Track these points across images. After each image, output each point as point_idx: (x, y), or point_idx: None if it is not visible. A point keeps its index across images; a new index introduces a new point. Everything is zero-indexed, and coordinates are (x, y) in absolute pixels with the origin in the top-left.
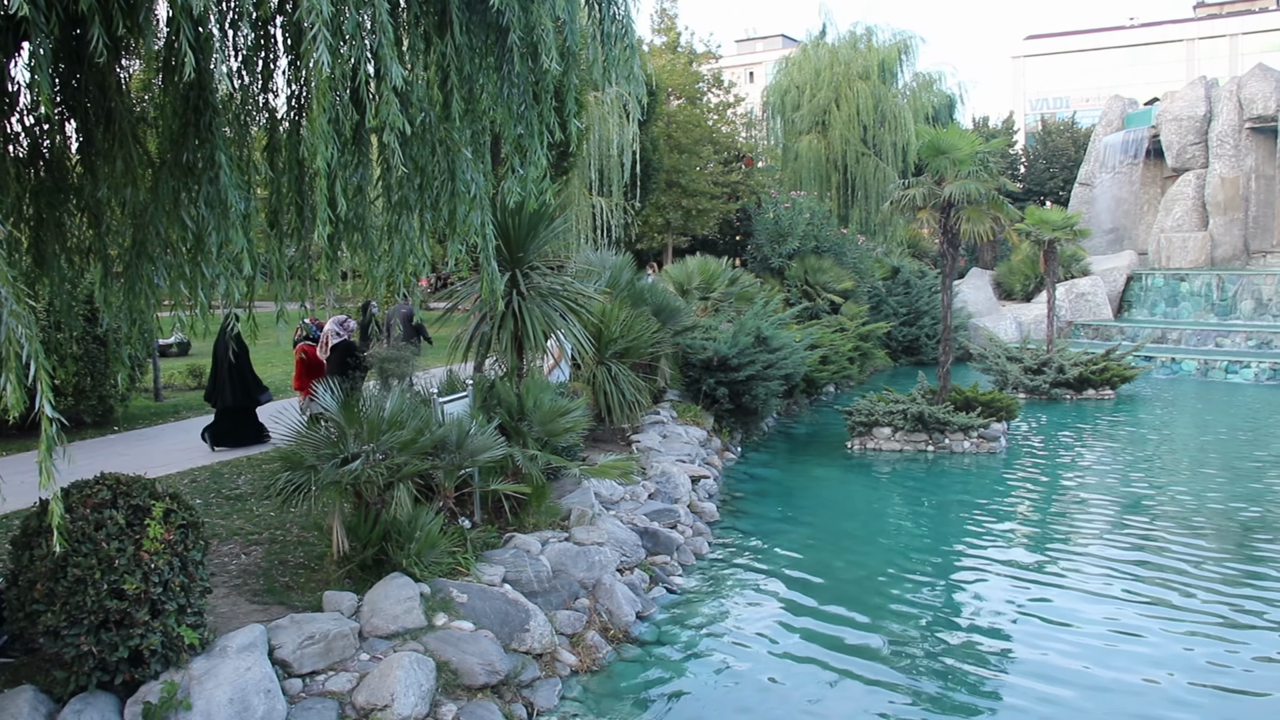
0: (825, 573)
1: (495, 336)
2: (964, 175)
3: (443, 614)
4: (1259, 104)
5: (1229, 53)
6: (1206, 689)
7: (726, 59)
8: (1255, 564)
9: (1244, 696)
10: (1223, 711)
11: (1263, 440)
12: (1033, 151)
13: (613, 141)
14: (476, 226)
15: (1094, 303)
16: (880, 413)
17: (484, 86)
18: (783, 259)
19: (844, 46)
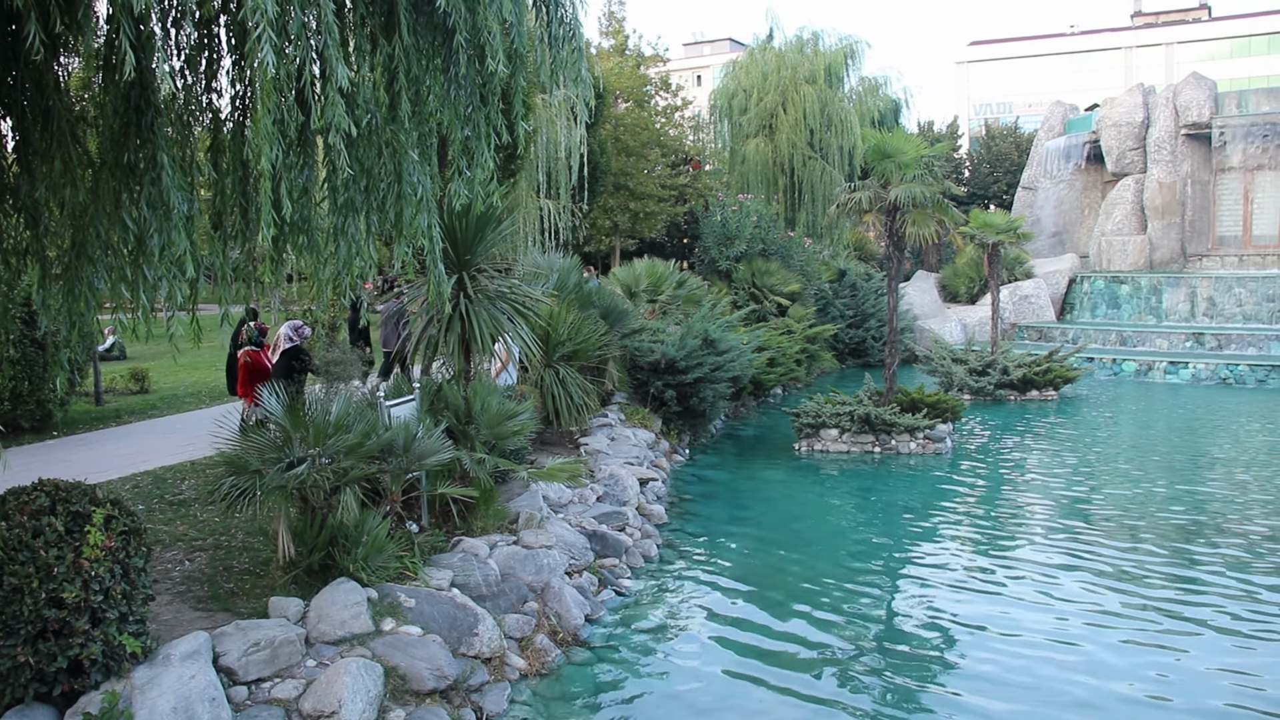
0: (773, 574)
1: (442, 339)
2: (909, 179)
3: (390, 619)
4: (1194, 111)
5: (1165, 61)
6: (1144, 695)
7: (674, 62)
8: (1192, 568)
9: (1178, 702)
10: (1161, 692)
11: (1201, 440)
12: (977, 156)
13: (560, 144)
14: (423, 229)
15: (1037, 305)
16: (827, 414)
17: (431, 88)
18: (730, 261)
19: (791, 51)
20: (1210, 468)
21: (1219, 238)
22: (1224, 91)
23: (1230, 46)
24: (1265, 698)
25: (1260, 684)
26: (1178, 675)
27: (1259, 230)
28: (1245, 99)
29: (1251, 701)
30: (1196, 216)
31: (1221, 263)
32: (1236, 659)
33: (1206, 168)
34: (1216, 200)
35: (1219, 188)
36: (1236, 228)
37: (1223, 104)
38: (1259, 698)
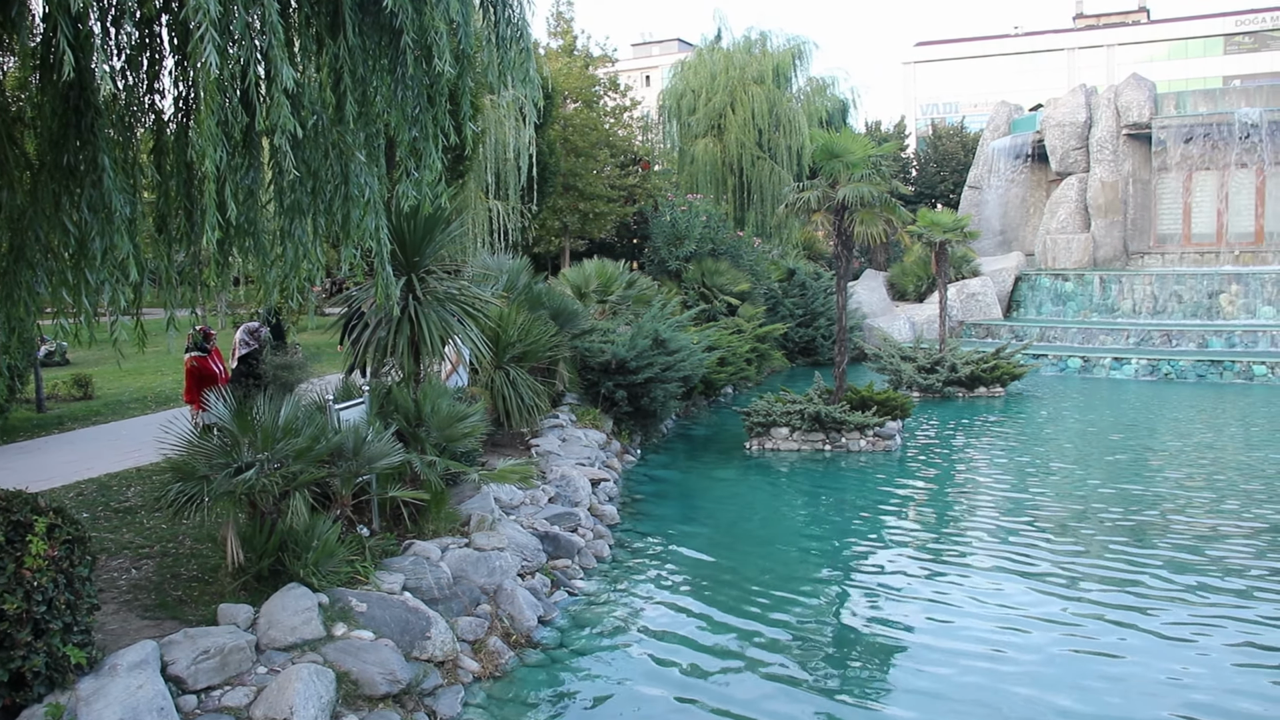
0: (726, 573)
1: (391, 342)
2: (857, 178)
3: (342, 624)
4: (1134, 112)
5: (1106, 62)
6: (1090, 684)
7: (623, 63)
8: (1135, 566)
9: (1123, 691)
10: (1103, 706)
11: (1144, 436)
12: (924, 155)
13: (509, 145)
14: (371, 231)
15: (984, 303)
16: (778, 413)
17: (378, 89)
18: (680, 261)
19: (739, 51)
20: (1153, 464)
21: (1160, 236)
22: (1163, 93)
23: (1168, 49)
24: (1209, 706)
25: (1203, 689)
26: (1119, 665)
27: (1198, 228)
28: (1183, 100)
29: (1193, 710)
30: (1138, 215)
31: (1163, 260)
32: (1177, 663)
33: (1147, 167)
34: (1157, 199)
35: (1159, 187)
36: (1176, 226)
37: (1162, 105)
38: (1202, 705)
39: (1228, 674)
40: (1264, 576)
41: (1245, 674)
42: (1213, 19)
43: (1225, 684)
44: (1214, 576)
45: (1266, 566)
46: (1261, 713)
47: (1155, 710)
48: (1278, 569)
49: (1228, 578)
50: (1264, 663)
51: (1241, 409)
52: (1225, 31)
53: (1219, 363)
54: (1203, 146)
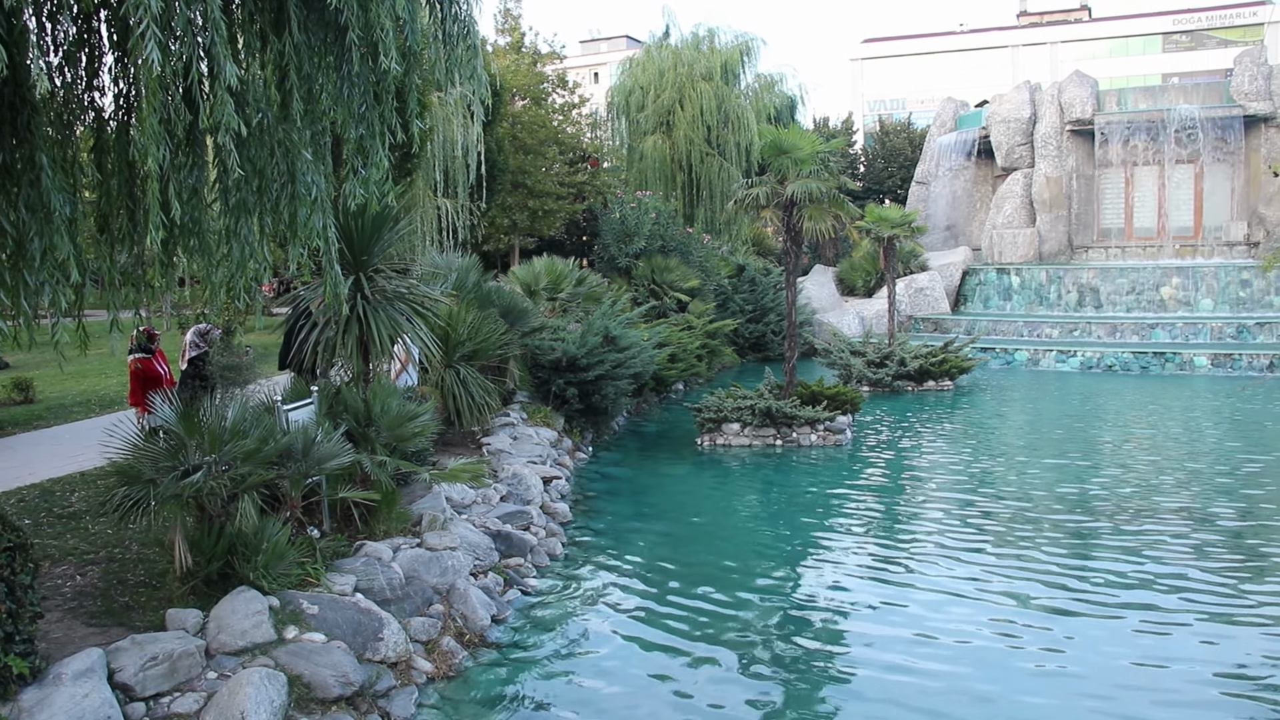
0: (679, 569)
1: (340, 341)
2: (806, 174)
3: (293, 627)
4: (1077, 108)
5: (1049, 60)
6: (1042, 674)
7: (571, 59)
8: (1085, 555)
9: (1076, 680)
10: (1062, 697)
11: (1090, 427)
12: (871, 151)
13: (457, 142)
14: (318, 229)
15: (932, 297)
16: (729, 409)
17: (324, 86)
18: (629, 258)
19: (687, 48)
20: (1100, 455)
21: (1103, 230)
22: (1105, 90)
23: (1109, 47)
24: (1164, 690)
25: (1159, 675)
26: (1071, 650)
27: (1140, 222)
28: (1124, 97)
29: (1150, 696)
30: (1082, 209)
31: (1106, 254)
32: (1130, 648)
33: (1090, 162)
34: (1100, 194)
35: (1102, 182)
36: (1119, 220)
37: (1104, 101)
38: (1157, 692)
39: (1170, 670)
40: (1206, 569)
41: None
42: (1151, 18)
43: (1159, 683)
44: (1164, 565)
45: (1210, 563)
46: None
47: (1105, 690)
48: (1219, 565)
49: (1172, 569)
50: (1189, 656)
51: (1184, 400)
52: (1163, 30)
53: (1161, 354)
54: (1143, 142)
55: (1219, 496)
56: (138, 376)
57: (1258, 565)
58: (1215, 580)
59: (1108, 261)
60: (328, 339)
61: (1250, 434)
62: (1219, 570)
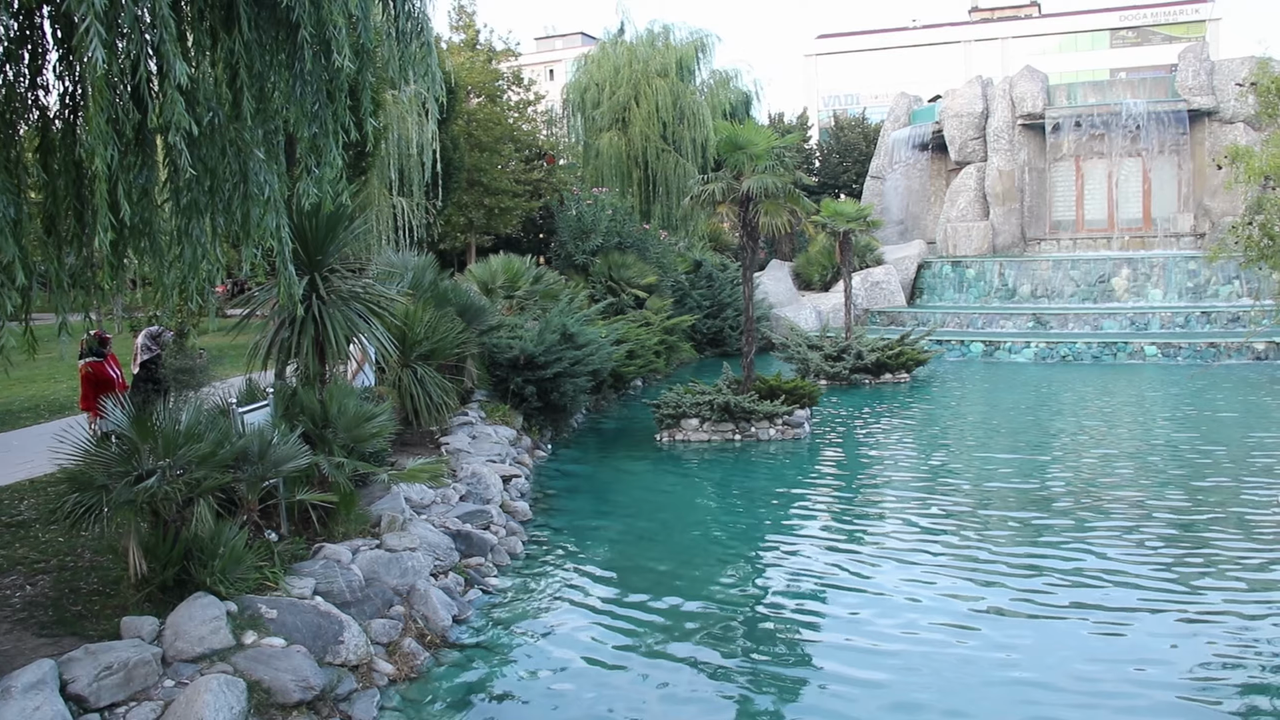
0: (640, 565)
1: (295, 342)
2: (761, 170)
3: (252, 632)
4: (1029, 102)
5: (1001, 55)
6: (1003, 667)
7: (526, 57)
8: (1036, 549)
9: (1030, 675)
10: (1015, 688)
11: (1044, 417)
12: (826, 146)
13: (412, 140)
14: (272, 229)
15: (888, 290)
16: (687, 404)
17: (276, 85)
18: (586, 255)
19: (642, 44)
20: (1054, 444)
21: (1055, 222)
22: (1055, 84)
23: (1059, 42)
24: (1128, 677)
25: (1119, 666)
26: (1029, 644)
27: (1090, 215)
28: (1074, 91)
29: (1111, 687)
30: (1034, 202)
31: (1058, 246)
32: (1091, 641)
33: (1042, 156)
34: (1052, 187)
35: (1054, 175)
36: (1070, 213)
37: (1054, 96)
38: (1118, 682)
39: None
40: (1156, 564)
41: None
42: (1099, 14)
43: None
44: (1109, 562)
45: (1160, 558)
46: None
47: (1067, 679)
48: (1168, 560)
49: (1123, 564)
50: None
51: (1135, 389)
52: (1110, 26)
53: (1113, 344)
54: (1093, 136)
55: (1169, 489)
56: (89, 381)
57: (1207, 558)
58: (1165, 576)
59: (1060, 253)
60: (283, 340)
61: (1197, 424)
62: (1169, 565)
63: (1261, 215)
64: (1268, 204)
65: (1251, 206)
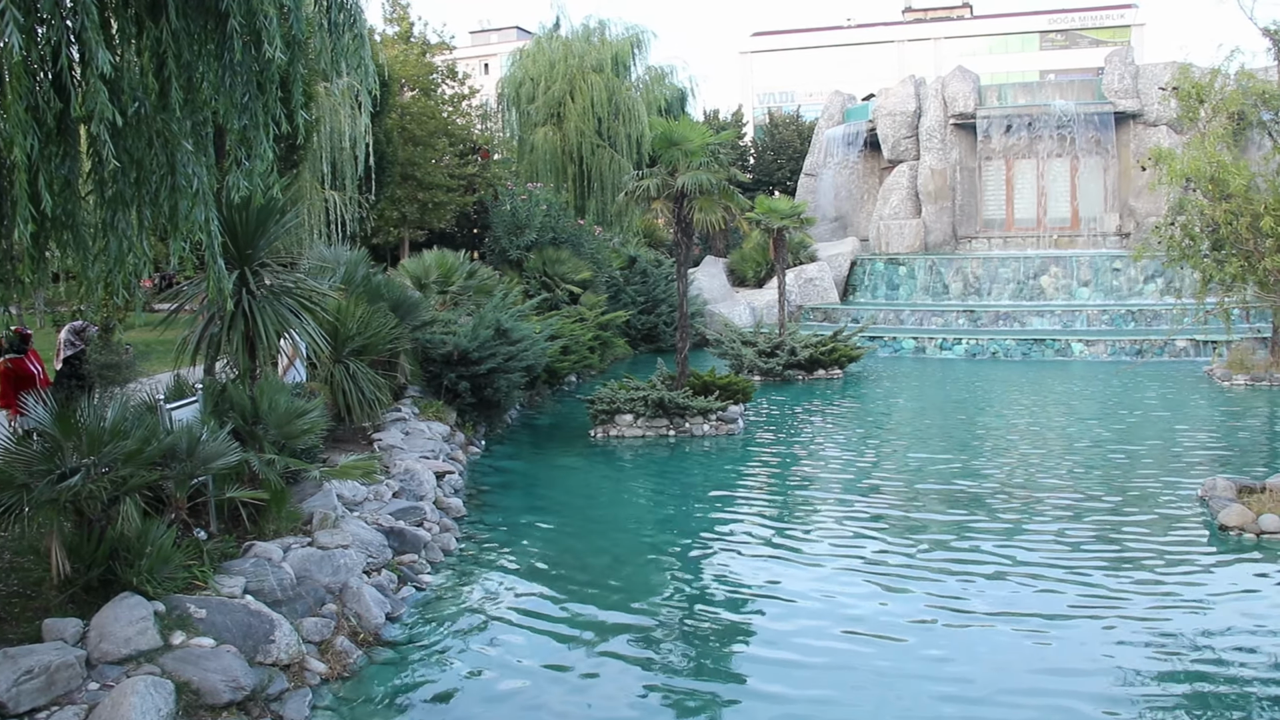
0: (575, 560)
1: (225, 338)
2: (696, 166)
3: (180, 632)
4: (960, 102)
5: (933, 55)
6: (932, 657)
7: (460, 50)
8: (972, 537)
9: (960, 667)
10: (946, 680)
11: (974, 414)
12: (761, 143)
13: (345, 134)
14: (200, 223)
15: (821, 287)
16: (622, 400)
17: (204, 75)
18: (521, 251)
19: (577, 39)
20: (984, 442)
21: (985, 221)
22: (986, 85)
23: (989, 44)
24: (1059, 670)
25: (1052, 659)
26: (957, 636)
27: (1020, 214)
28: (1004, 92)
29: (1045, 681)
30: (965, 201)
31: (988, 244)
32: (1018, 649)
33: (973, 155)
34: (983, 186)
35: (985, 174)
36: (1000, 211)
37: (985, 96)
38: (1051, 676)
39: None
40: (1083, 566)
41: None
42: (1029, 16)
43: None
44: (1036, 563)
45: (1087, 558)
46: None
47: (993, 668)
48: (1096, 562)
49: (1049, 565)
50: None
51: (1063, 385)
52: (1040, 29)
53: (1041, 341)
54: (1023, 136)
55: (1095, 488)
56: (8, 378)
57: (1134, 561)
58: (1091, 581)
59: (990, 251)
60: (213, 335)
61: (1123, 421)
62: (1095, 568)
63: (1183, 216)
64: (1189, 205)
65: (1174, 208)
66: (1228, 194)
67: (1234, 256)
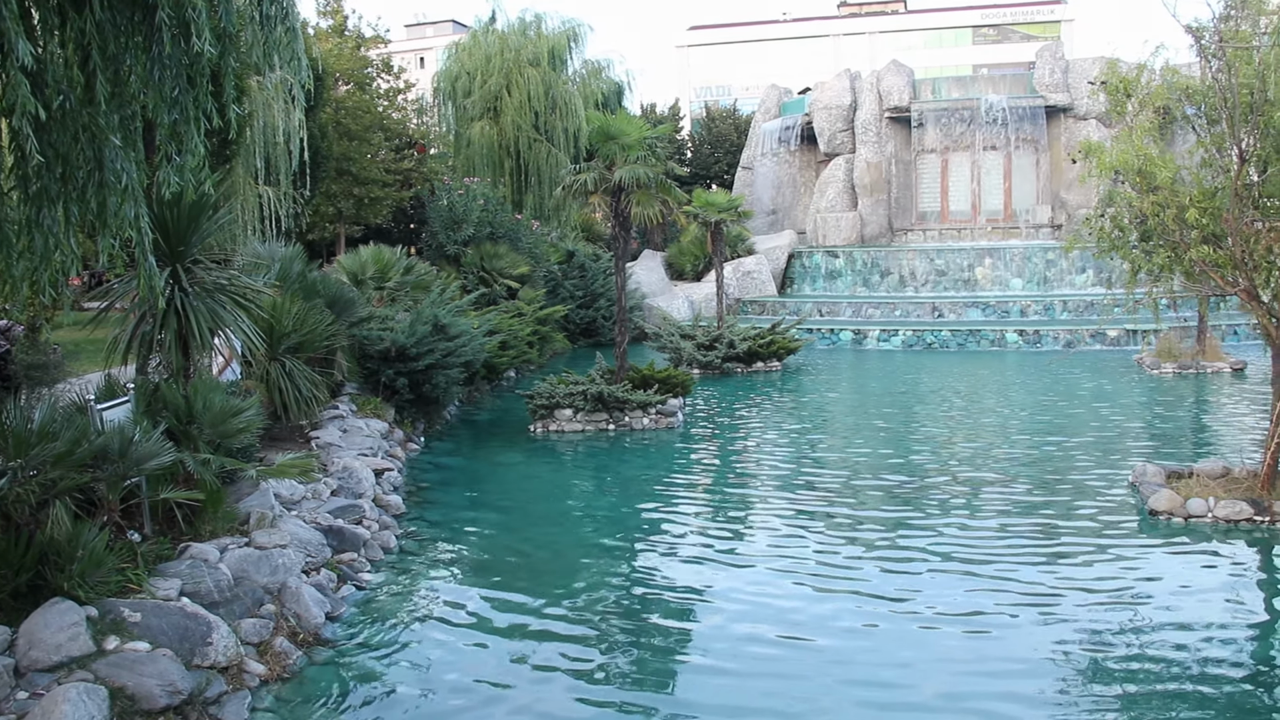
0: (516, 556)
1: (158, 336)
2: (633, 160)
3: (114, 637)
4: (895, 96)
5: (869, 49)
6: (867, 648)
7: (396, 44)
8: (904, 541)
9: (895, 656)
10: (880, 670)
11: (910, 404)
12: (698, 137)
13: (279, 128)
14: (130, 219)
15: (759, 280)
16: (561, 395)
17: (132, 68)
18: (458, 246)
19: (514, 33)
20: (920, 433)
21: (921, 213)
22: (920, 79)
23: (924, 38)
24: (990, 668)
25: (989, 658)
26: (893, 624)
27: (954, 206)
28: (938, 86)
29: (982, 683)
30: (901, 194)
31: (924, 236)
32: (955, 646)
33: (908, 148)
34: (918, 178)
35: (920, 167)
36: (935, 204)
37: (920, 90)
38: (988, 679)
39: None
40: (1018, 558)
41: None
42: (962, 11)
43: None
44: (975, 546)
45: (1029, 548)
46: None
47: (923, 662)
48: (1032, 555)
49: (986, 556)
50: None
51: (998, 375)
52: (973, 24)
53: (977, 332)
54: (957, 130)
55: (1031, 477)
56: None
57: (1070, 554)
58: (1028, 577)
59: (926, 243)
60: (145, 334)
61: (1056, 409)
62: (1033, 559)
63: (1112, 208)
64: (1118, 198)
65: (1103, 200)
66: (1155, 186)
67: (1161, 248)
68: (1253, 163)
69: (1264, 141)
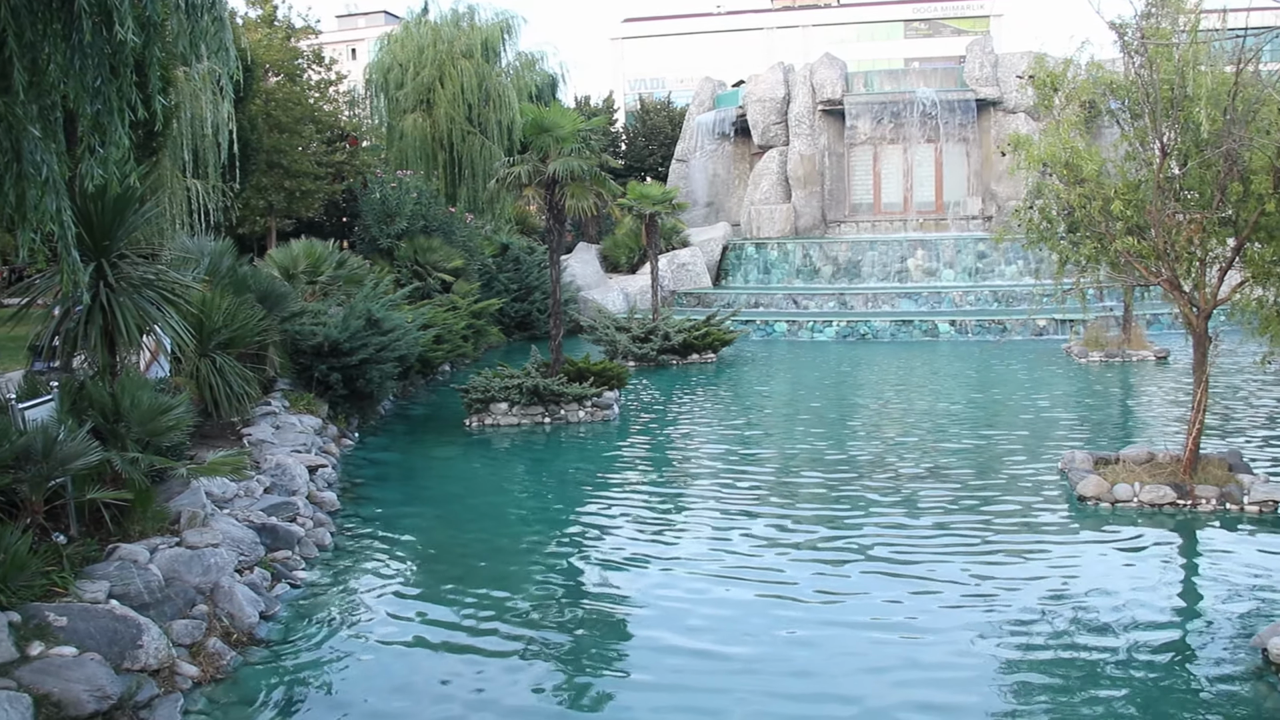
0: (452, 551)
1: (82, 333)
2: (568, 152)
3: (38, 642)
4: (828, 89)
5: (802, 42)
6: (810, 642)
7: (327, 35)
8: (846, 516)
9: (833, 650)
10: (824, 662)
11: (845, 392)
12: (632, 129)
13: (206, 120)
14: (51, 212)
15: (694, 272)
16: (496, 388)
17: (51, 56)
18: (391, 239)
19: (447, 25)
20: (855, 424)
21: (854, 205)
22: (853, 72)
23: (857, 31)
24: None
25: (921, 656)
26: (832, 615)
27: (887, 198)
28: (871, 79)
29: (914, 683)
30: (834, 186)
31: (857, 228)
32: (890, 650)
33: (841, 141)
34: (851, 171)
35: (852, 160)
36: (868, 196)
37: (852, 83)
38: (924, 687)
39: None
40: (954, 531)
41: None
42: (894, 5)
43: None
44: (909, 538)
45: (959, 529)
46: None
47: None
48: (971, 544)
49: (922, 537)
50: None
51: (931, 365)
52: (904, 18)
53: (909, 322)
54: (889, 123)
55: (963, 466)
56: None
57: (1004, 548)
58: (961, 562)
59: (859, 235)
60: (68, 330)
61: (987, 399)
62: (966, 548)
63: (1040, 200)
64: (1045, 190)
65: (1032, 192)
66: (1081, 179)
67: (1088, 239)
68: (1174, 157)
69: (1184, 136)
